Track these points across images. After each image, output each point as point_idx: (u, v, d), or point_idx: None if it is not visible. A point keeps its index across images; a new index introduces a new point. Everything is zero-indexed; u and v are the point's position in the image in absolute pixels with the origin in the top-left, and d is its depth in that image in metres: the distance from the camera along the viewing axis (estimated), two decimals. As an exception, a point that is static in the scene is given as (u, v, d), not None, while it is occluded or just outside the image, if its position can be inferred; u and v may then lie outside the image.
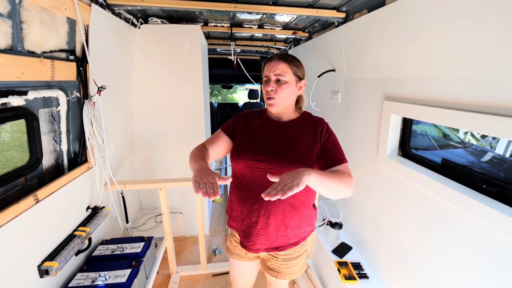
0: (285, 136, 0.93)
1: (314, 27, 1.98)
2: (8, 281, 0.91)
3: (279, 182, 0.67)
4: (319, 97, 2.03)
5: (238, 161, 0.94)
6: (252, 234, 0.94)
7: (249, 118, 1.02)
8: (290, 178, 0.67)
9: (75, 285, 1.19)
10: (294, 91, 0.93)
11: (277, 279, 1.04)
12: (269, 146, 0.92)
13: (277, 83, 0.90)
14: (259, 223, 0.93)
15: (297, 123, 0.97)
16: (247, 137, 0.97)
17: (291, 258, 1.01)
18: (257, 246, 0.95)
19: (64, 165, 1.30)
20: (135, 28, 1.78)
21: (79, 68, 1.26)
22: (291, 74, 0.91)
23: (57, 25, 1.09)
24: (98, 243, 1.53)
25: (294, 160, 0.88)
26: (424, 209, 1.10)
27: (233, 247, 1.09)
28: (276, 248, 0.97)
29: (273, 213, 0.92)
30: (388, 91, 1.29)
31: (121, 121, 1.85)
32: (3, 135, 1.35)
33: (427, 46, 1.00)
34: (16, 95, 0.94)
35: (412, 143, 1.30)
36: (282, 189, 0.64)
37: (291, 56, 0.93)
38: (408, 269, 1.20)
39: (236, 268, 1.14)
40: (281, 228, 0.94)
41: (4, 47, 0.87)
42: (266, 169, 0.89)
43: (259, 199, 0.90)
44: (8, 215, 0.89)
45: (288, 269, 1.02)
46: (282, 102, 0.91)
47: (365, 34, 1.39)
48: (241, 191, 0.96)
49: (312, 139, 0.92)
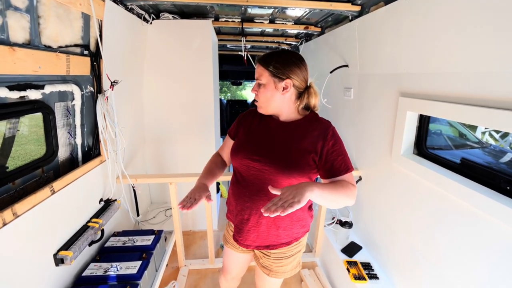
0: (282, 137, 0.90)
1: (327, 21, 1.93)
2: (26, 268, 0.95)
3: (280, 197, 0.66)
4: (330, 93, 1.99)
5: (236, 159, 0.96)
6: (243, 230, 0.97)
7: (252, 116, 1.02)
8: (292, 193, 0.65)
9: (89, 274, 1.23)
10: (274, 93, 0.88)
11: (269, 276, 1.05)
12: (265, 146, 0.91)
13: (258, 87, 0.91)
14: (251, 221, 0.94)
15: (298, 125, 0.92)
16: (246, 135, 0.98)
17: (283, 257, 1.01)
18: (248, 242, 0.98)
19: (78, 158, 1.33)
20: (147, 23, 1.79)
21: (93, 63, 1.29)
22: (268, 76, 0.88)
23: (72, 20, 1.10)
24: (110, 234, 1.57)
25: (288, 163, 0.86)
26: (439, 210, 1.06)
27: (229, 237, 1.11)
28: (267, 246, 0.98)
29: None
30: (404, 87, 1.24)
31: (132, 116, 1.88)
32: (22, 129, 1.39)
33: (448, 40, 0.95)
34: (34, 89, 0.97)
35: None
36: (282, 205, 0.63)
37: (270, 57, 0.89)
38: (421, 271, 1.16)
39: (229, 256, 1.16)
40: (273, 227, 0.95)
41: (22, 42, 0.89)
42: (260, 170, 0.89)
43: (252, 198, 0.92)
44: (27, 205, 0.92)
45: (279, 267, 1.02)
46: (264, 104, 0.91)
47: (381, 28, 1.34)
48: (237, 187, 0.98)
49: (312, 143, 0.87)
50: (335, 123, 2.13)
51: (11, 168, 0.98)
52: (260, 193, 0.91)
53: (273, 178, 0.88)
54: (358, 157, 1.75)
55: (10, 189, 0.96)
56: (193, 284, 1.74)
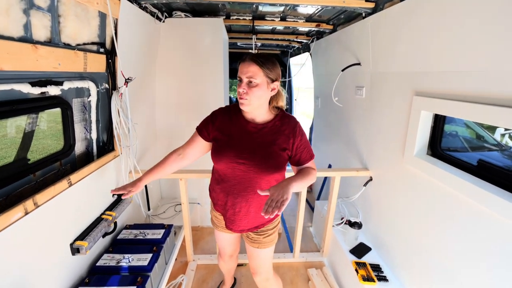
0: (261, 140, 1.00)
1: (339, 18, 1.90)
2: (45, 256, 1.00)
3: (271, 199, 0.78)
4: (341, 92, 1.96)
5: (220, 162, 1.03)
6: (236, 220, 1.10)
7: (226, 116, 1.06)
8: (280, 193, 0.79)
9: (102, 264, 1.28)
10: (265, 92, 0.96)
11: (259, 249, 1.18)
12: (247, 150, 1.00)
13: (248, 85, 0.93)
14: (242, 212, 1.08)
15: (271, 126, 1.02)
16: (226, 140, 1.03)
17: (268, 229, 1.17)
18: (241, 228, 1.12)
19: (93, 152, 1.38)
20: (160, 22, 1.82)
21: (108, 60, 1.32)
22: (262, 76, 0.93)
23: (89, 19, 1.14)
24: (122, 227, 1.62)
25: (270, 163, 0.99)
26: (454, 212, 1.02)
27: (218, 221, 1.21)
28: (257, 227, 1.14)
29: (253, 203, 1.06)
30: (419, 86, 1.21)
31: (144, 112, 1.93)
32: (40, 124, 1.45)
33: (468, 37, 0.91)
34: (53, 85, 1.01)
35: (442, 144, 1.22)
36: (276, 205, 0.75)
37: (265, 58, 0.94)
38: (432, 275, 1.14)
39: (221, 238, 1.29)
40: (260, 212, 1.04)
41: (44, 40, 0.93)
42: (246, 170, 1.00)
43: (240, 194, 1.04)
44: (46, 196, 0.97)
45: (266, 238, 1.17)
46: (252, 102, 0.95)
47: (395, 25, 1.30)
48: (225, 186, 1.07)
49: (285, 141, 1.01)
50: (346, 122, 2.10)
51: (32, 161, 1.03)
52: (248, 189, 1.03)
53: (258, 176, 1.01)
54: (368, 157, 1.72)
55: (31, 180, 1.01)
56: (201, 279, 1.78)
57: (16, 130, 2.13)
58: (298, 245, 1.88)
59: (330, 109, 2.45)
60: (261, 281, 1.28)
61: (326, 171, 1.83)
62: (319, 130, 2.95)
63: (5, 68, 0.78)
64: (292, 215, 2.64)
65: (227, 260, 1.40)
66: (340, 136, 2.21)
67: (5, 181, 0.89)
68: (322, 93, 2.73)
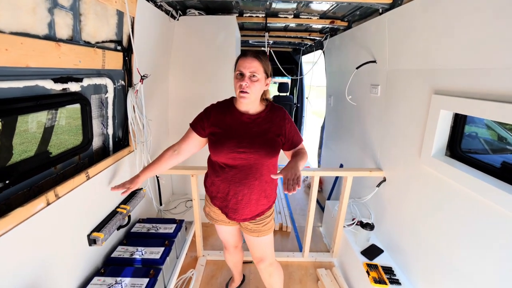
0: (257, 129, 1.08)
1: (355, 15, 1.86)
2: (64, 245, 1.04)
3: (287, 178, 0.87)
4: (355, 90, 1.92)
5: (220, 154, 1.08)
6: (239, 209, 1.14)
7: (219, 111, 1.12)
8: (292, 173, 0.89)
9: (117, 256, 1.32)
10: (263, 87, 1.05)
11: (259, 237, 1.22)
12: (246, 139, 1.06)
13: (250, 79, 1.00)
14: (244, 200, 1.12)
15: (264, 116, 1.10)
16: (223, 133, 1.08)
17: (265, 217, 1.21)
18: (244, 216, 1.16)
19: (109, 148, 1.42)
20: (174, 20, 1.85)
21: (125, 58, 1.36)
22: (262, 72, 1.02)
23: (108, 17, 1.17)
24: (135, 221, 1.67)
25: (269, 148, 1.07)
26: (473, 216, 0.98)
27: (216, 215, 1.24)
28: (258, 215, 1.18)
29: (255, 190, 1.12)
30: (438, 84, 1.16)
31: (158, 109, 1.96)
32: (60, 120, 1.51)
33: (491, 33, 0.87)
34: (74, 82, 1.05)
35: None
36: (294, 182, 0.85)
37: (263, 55, 1.03)
38: (448, 280, 1.10)
39: (223, 232, 1.34)
40: (261, 198, 1.16)
41: (66, 38, 0.96)
42: (246, 158, 1.06)
43: (242, 182, 1.09)
44: (66, 188, 1.01)
45: (265, 226, 1.22)
46: (253, 95, 1.02)
47: (414, 21, 1.26)
48: (225, 176, 1.11)
49: (278, 128, 1.10)
50: (359, 121, 2.06)
51: (53, 154, 1.08)
52: (249, 176, 1.09)
53: (258, 162, 1.08)
54: (382, 157, 1.68)
55: (52, 173, 1.05)
56: (210, 274, 1.80)
57: (37, 125, 2.23)
58: (307, 245, 1.87)
59: (343, 108, 2.41)
60: (266, 266, 1.32)
61: (338, 171, 1.80)
62: (331, 129, 2.91)
63: (31, 65, 0.81)
64: (301, 214, 2.62)
65: (232, 251, 1.45)
66: (353, 136, 2.17)
67: (29, 173, 0.93)
68: (335, 91, 2.68)
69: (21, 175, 0.90)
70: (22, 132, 2.65)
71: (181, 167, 1.88)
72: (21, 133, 1.42)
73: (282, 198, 2.87)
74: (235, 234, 1.36)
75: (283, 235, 2.26)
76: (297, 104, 4.30)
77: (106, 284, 1.13)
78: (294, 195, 3.04)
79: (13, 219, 0.79)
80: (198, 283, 1.70)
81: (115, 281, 1.15)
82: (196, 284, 1.68)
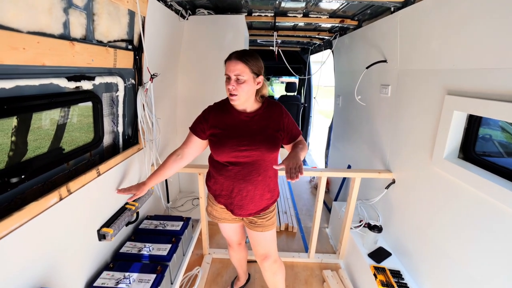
0: (256, 126, 1.09)
1: (365, 14, 1.83)
2: (75, 240, 1.07)
3: (289, 167, 0.88)
4: (365, 90, 1.90)
5: (222, 155, 1.09)
6: (244, 205, 1.16)
7: (217, 112, 1.13)
8: (293, 162, 0.90)
9: (125, 251, 1.34)
10: (252, 87, 1.04)
11: (263, 232, 1.23)
12: (246, 137, 1.07)
13: (236, 82, 1.00)
14: (249, 196, 1.14)
15: (261, 113, 1.11)
16: (223, 133, 1.09)
17: (269, 212, 1.23)
18: (249, 211, 1.18)
19: (119, 145, 1.45)
20: (184, 19, 1.87)
21: (136, 57, 1.38)
22: (249, 73, 1.01)
23: (120, 17, 1.19)
24: (143, 217, 1.69)
25: (270, 144, 1.08)
26: (487, 220, 0.95)
27: (219, 214, 1.25)
28: (262, 209, 1.19)
29: (259, 185, 1.13)
30: (452, 85, 1.13)
31: (167, 108, 1.99)
32: (72, 118, 1.54)
33: (509, 30, 0.84)
34: (87, 80, 1.07)
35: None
36: (296, 170, 0.87)
37: (249, 55, 1.02)
38: (459, 285, 1.07)
39: (227, 230, 1.35)
40: (265, 193, 1.17)
41: (79, 37, 0.98)
42: (249, 155, 1.07)
43: (245, 178, 1.11)
44: (78, 184, 1.04)
45: (269, 221, 1.23)
46: (242, 97, 1.03)
47: (428, 19, 1.23)
48: (229, 174, 1.12)
49: (277, 123, 1.12)
50: (369, 122, 2.03)
51: (66, 151, 1.11)
52: (252, 172, 1.10)
53: (260, 158, 1.09)
54: (392, 158, 1.65)
55: (65, 169, 1.08)
56: (215, 272, 1.81)
57: (50, 123, 2.30)
58: (313, 245, 1.86)
59: (351, 108, 2.38)
60: (270, 264, 1.31)
61: (346, 172, 1.78)
62: (339, 130, 2.87)
63: (47, 63, 0.84)
64: (307, 215, 2.61)
65: (236, 248, 1.46)
66: (362, 136, 2.14)
67: (43, 168, 0.96)
68: (343, 91, 2.65)
69: (35, 171, 0.93)
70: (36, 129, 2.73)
71: (188, 165, 1.89)
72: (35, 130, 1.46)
73: (288, 198, 2.86)
74: (238, 231, 1.37)
75: (288, 235, 2.25)
76: (304, 103, 4.27)
77: (114, 279, 1.16)
78: (300, 195, 3.02)
79: (28, 213, 0.81)
80: (204, 281, 1.71)
81: (123, 276, 1.17)
82: (202, 281, 1.70)
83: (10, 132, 0.90)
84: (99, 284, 1.13)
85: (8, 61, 0.72)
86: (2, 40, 0.69)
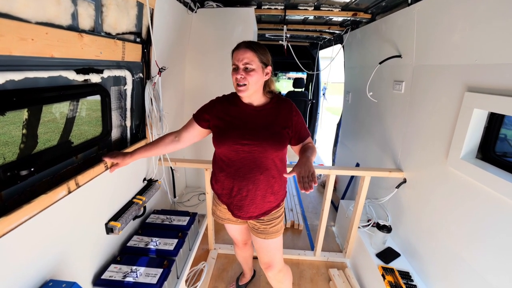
0: (262, 121, 1.04)
1: (379, 7, 1.76)
2: (83, 233, 1.07)
3: (301, 176, 0.82)
4: (377, 86, 1.84)
5: (223, 146, 1.05)
6: (244, 206, 1.10)
7: (224, 104, 1.10)
8: (305, 170, 0.84)
9: (132, 245, 1.35)
10: (261, 77, 1.01)
11: (266, 240, 1.17)
12: (250, 130, 1.03)
13: (245, 71, 0.97)
14: (249, 196, 1.08)
15: (269, 108, 1.07)
16: (227, 124, 1.05)
17: (273, 218, 1.16)
18: (249, 214, 1.12)
19: (127, 139, 1.44)
20: (192, 12, 1.83)
21: (144, 50, 1.36)
22: (258, 62, 0.98)
23: (128, 9, 1.17)
24: (150, 212, 1.70)
25: (275, 140, 1.03)
26: (505, 223, 0.91)
27: (223, 214, 1.22)
28: (265, 213, 1.13)
29: (260, 185, 1.07)
30: (473, 81, 1.08)
31: (174, 102, 1.98)
32: (81, 112, 1.55)
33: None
34: (95, 73, 1.06)
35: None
36: (309, 179, 0.80)
37: (257, 44, 0.99)
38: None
39: (232, 230, 1.33)
40: (267, 194, 1.10)
41: (88, 29, 0.97)
42: (250, 151, 1.02)
43: (246, 177, 1.05)
44: (86, 177, 1.04)
45: (273, 228, 1.16)
46: (251, 88, 0.99)
47: (448, 12, 1.17)
48: (229, 171, 1.08)
49: (285, 120, 1.06)
50: (380, 119, 1.97)
51: (74, 144, 1.10)
52: (254, 170, 1.04)
53: (263, 155, 1.03)
54: (404, 157, 1.60)
55: (74, 162, 1.08)
56: (221, 267, 1.82)
57: (59, 116, 2.32)
58: (320, 244, 1.84)
59: (362, 105, 2.32)
60: (275, 274, 1.25)
61: (355, 170, 1.74)
62: (347, 127, 2.82)
63: (55, 55, 0.83)
64: (314, 212, 2.58)
65: (242, 247, 1.46)
66: (372, 134, 2.09)
67: (52, 161, 0.96)
68: (354, 87, 2.59)
69: (45, 163, 0.93)
70: (46, 122, 2.78)
71: (195, 160, 1.89)
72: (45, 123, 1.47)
73: (294, 195, 2.84)
74: (243, 232, 1.34)
75: (294, 233, 2.24)
76: (312, 100, 4.20)
77: (122, 272, 1.16)
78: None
79: (38, 205, 0.81)
80: (209, 276, 1.72)
81: (131, 270, 1.18)
82: (207, 276, 1.70)
83: (21, 125, 0.89)
84: (106, 277, 1.14)
85: (16, 52, 0.71)
86: (11, 30, 0.68)
